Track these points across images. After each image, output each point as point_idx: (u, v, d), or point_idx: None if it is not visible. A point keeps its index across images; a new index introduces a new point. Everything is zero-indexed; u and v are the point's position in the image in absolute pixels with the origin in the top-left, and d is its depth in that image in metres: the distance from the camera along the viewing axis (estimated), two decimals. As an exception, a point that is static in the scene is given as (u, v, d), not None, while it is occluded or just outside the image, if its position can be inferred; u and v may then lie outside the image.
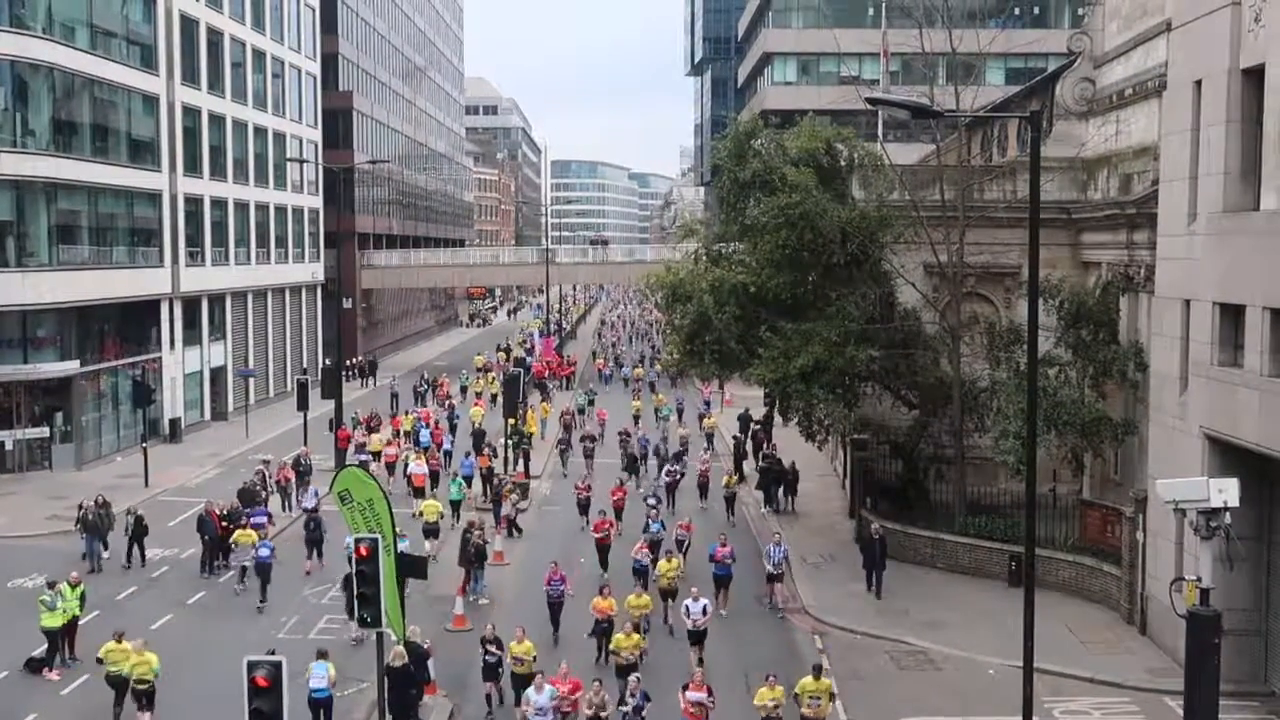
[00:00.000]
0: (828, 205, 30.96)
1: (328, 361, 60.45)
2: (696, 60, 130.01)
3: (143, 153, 49.96)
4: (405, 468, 39.60)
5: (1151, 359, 25.89)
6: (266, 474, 37.43)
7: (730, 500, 37.21)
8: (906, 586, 28.61)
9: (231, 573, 30.36)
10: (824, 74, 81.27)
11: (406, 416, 50.99)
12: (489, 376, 67.35)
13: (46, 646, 23.81)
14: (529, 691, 19.53)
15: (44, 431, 43.88)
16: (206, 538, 30.63)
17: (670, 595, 26.28)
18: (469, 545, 28.55)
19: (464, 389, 64.86)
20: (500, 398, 51.57)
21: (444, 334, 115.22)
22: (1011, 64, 71.42)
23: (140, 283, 49.14)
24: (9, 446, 42.97)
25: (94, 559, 30.65)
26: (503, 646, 21.40)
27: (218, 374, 57.35)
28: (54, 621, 23.62)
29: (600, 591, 24.41)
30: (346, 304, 72.06)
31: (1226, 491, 14.70)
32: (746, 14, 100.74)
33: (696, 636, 23.81)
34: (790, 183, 31.19)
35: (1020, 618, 16.59)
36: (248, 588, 28.81)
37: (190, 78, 53.47)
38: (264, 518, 31.93)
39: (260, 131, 62.93)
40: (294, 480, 37.79)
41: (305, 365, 66.80)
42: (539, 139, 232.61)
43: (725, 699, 21.64)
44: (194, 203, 54.32)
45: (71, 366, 44.22)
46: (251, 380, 59.16)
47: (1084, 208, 32.14)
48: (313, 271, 72.03)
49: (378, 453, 42.97)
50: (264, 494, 35.22)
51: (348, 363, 69.28)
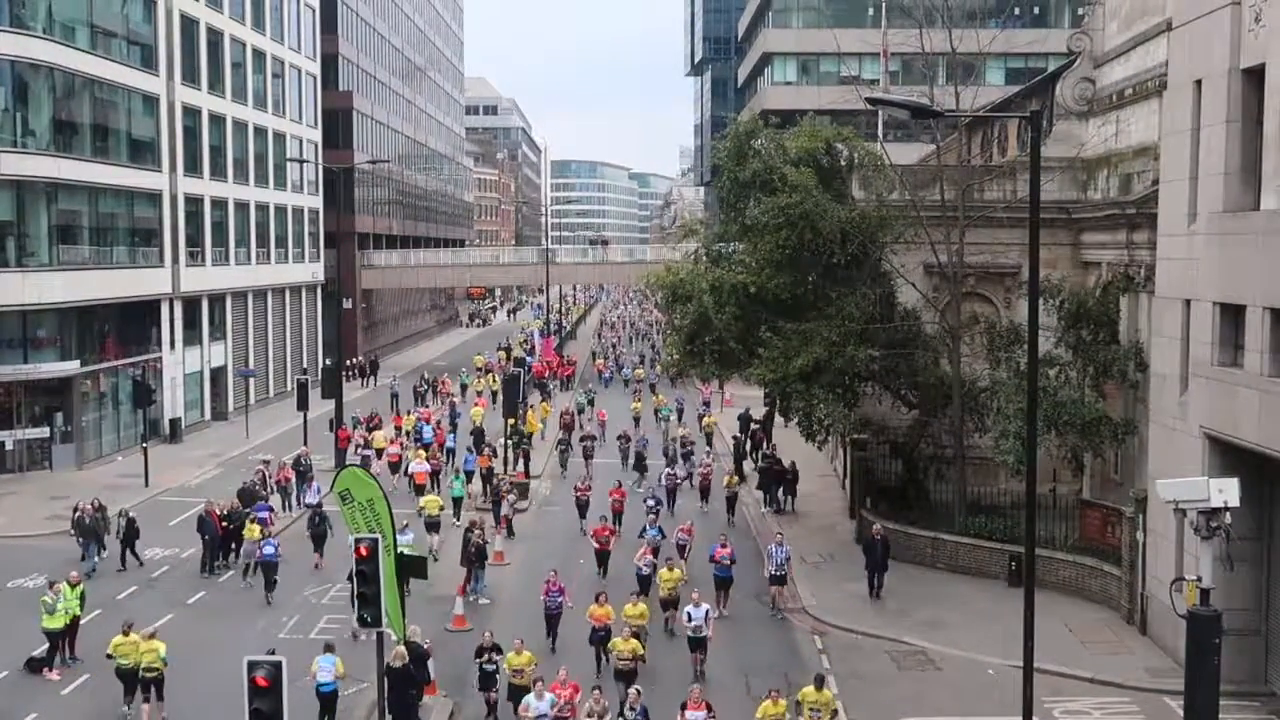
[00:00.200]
0: (828, 205, 30.96)
1: (328, 361, 60.42)
2: (696, 60, 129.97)
3: (143, 153, 49.97)
4: (407, 465, 40.17)
5: (1151, 359, 25.88)
6: (266, 474, 37.50)
7: (731, 501, 37.08)
8: (906, 586, 28.60)
9: (232, 572, 30.84)
10: (824, 74, 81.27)
11: (408, 416, 51.39)
12: (489, 376, 67.43)
13: (47, 647, 23.82)
14: (529, 698, 19.26)
15: (44, 431, 43.90)
16: (206, 538, 30.71)
17: (672, 605, 25.62)
18: (470, 545, 28.63)
19: (464, 388, 64.96)
20: (500, 397, 51.71)
21: (444, 334, 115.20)
22: (1011, 64, 71.40)
23: (140, 283, 49.14)
24: (9, 446, 42.97)
25: (90, 562, 30.26)
26: (501, 653, 21.11)
27: (218, 374, 57.35)
28: (55, 623, 23.63)
29: (597, 599, 23.88)
30: (346, 304, 72.08)
31: (1226, 491, 14.71)
32: (746, 14, 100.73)
33: (697, 643, 23.38)
34: (790, 183, 31.20)
35: (1020, 618, 16.58)
36: (252, 585, 29.09)
37: (190, 78, 53.48)
38: (266, 512, 32.24)
39: (260, 131, 62.93)
40: (294, 480, 37.90)
41: (305, 365, 66.79)
42: (539, 139, 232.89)
43: (725, 701, 21.66)
44: (194, 203, 54.33)
45: (71, 366, 44.22)
46: (251, 380, 59.17)
47: (1084, 208, 32.15)
48: (313, 271, 72.04)
49: (381, 450, 43.22)
50: (264, 494, 35.35)
51: (348, 363, 69.26)
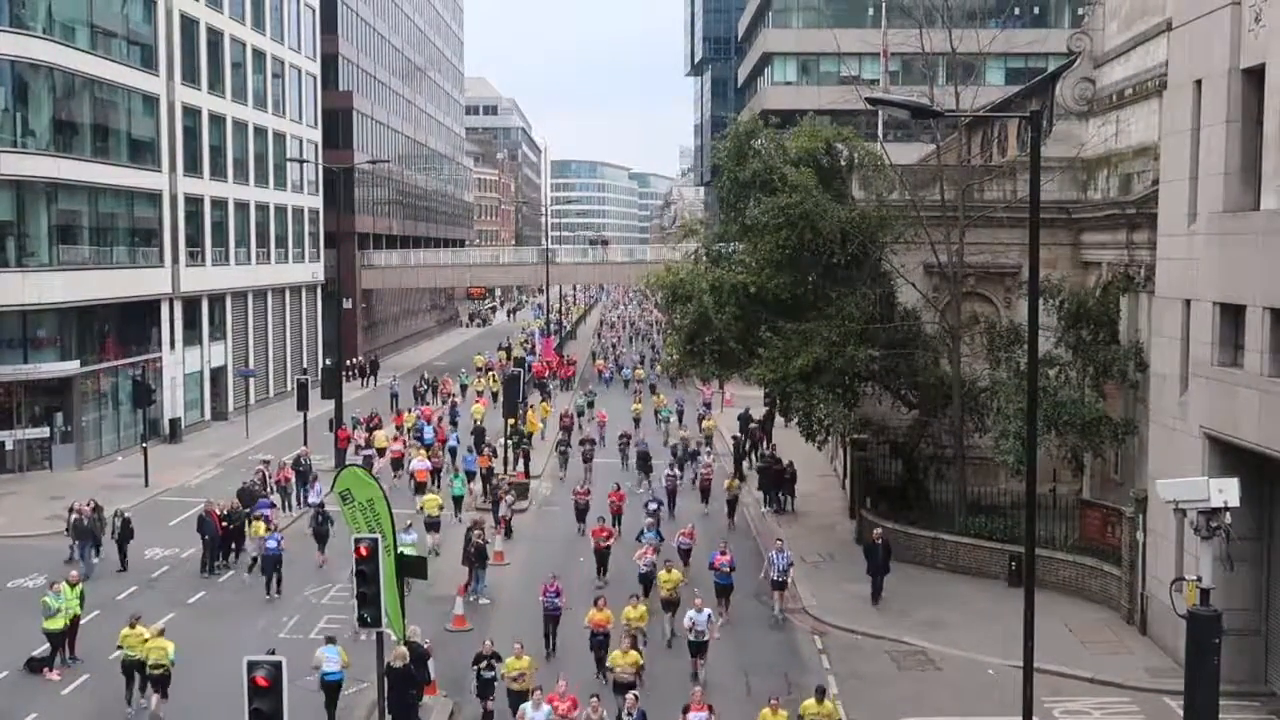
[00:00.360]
0: (828, 205, 30.94)
1: (328, 361, 60.41)
2: (696, 60, 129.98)
3: (143, 153, 49.97)
4: (409, 463, 40.42)
5: (1151, 359, 25.88)
6: (266, 474, 37.51)
7: (732, 504, 36.76)
8: (906, 587, 28.57)
9: (232, 572, 30.96)
10: (824, 74, 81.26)
11: (409, 414, 51.77)
12: (490, 375, 67.50)
13: (47, 647, 23.81)
14: (526, 707, 19.02)
15: (44, 431, 43.89)
16: (206, 538, 30.71)
17: (672, 606, 25.26)
18: (470, 545, 28.66)
19: (464, 387, 65.00)
20: (501, 396, 51.81)
21: (444, 334, 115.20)
22: (1011, 64, 71.39)
23: (140, 283, 49.13)
24: (9, 446, 42.96)
25: (87, 564, 29.98)
26: (500, 661, 20.76)
27: (218, 374, 57.34)
28: (55, 625, 23.62)
29: (595, 604, 23.42)
30: (346, 304, 72.07)
31: (1226, 491, 14.72)
32: (746, 14, 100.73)
33: (698, 647, 23.03)
34: (790, 183, 31.18)
35: (1020, 618, 16.58)
36: (252, 582, 29.33)
37: (190, 78, 53.48)
38: (268, 509, 32.54)
39: (260, 131, 62.92)
40: (294, 480, 37.94)
41: (305, 365, 66.79)
42: (539, 139, 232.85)
43: (725, 701, 21.64)
44: (194, 203, 54.32)
45: (71, 366, 44.22)
46: (251, 380, 59.16)
47: (1084, 208, 32.14)
48: (313, 271, 72.03)
49: (383, 449, 43.40)
50: (264, 494, 35.28)
51: (348, 363, 69.28)
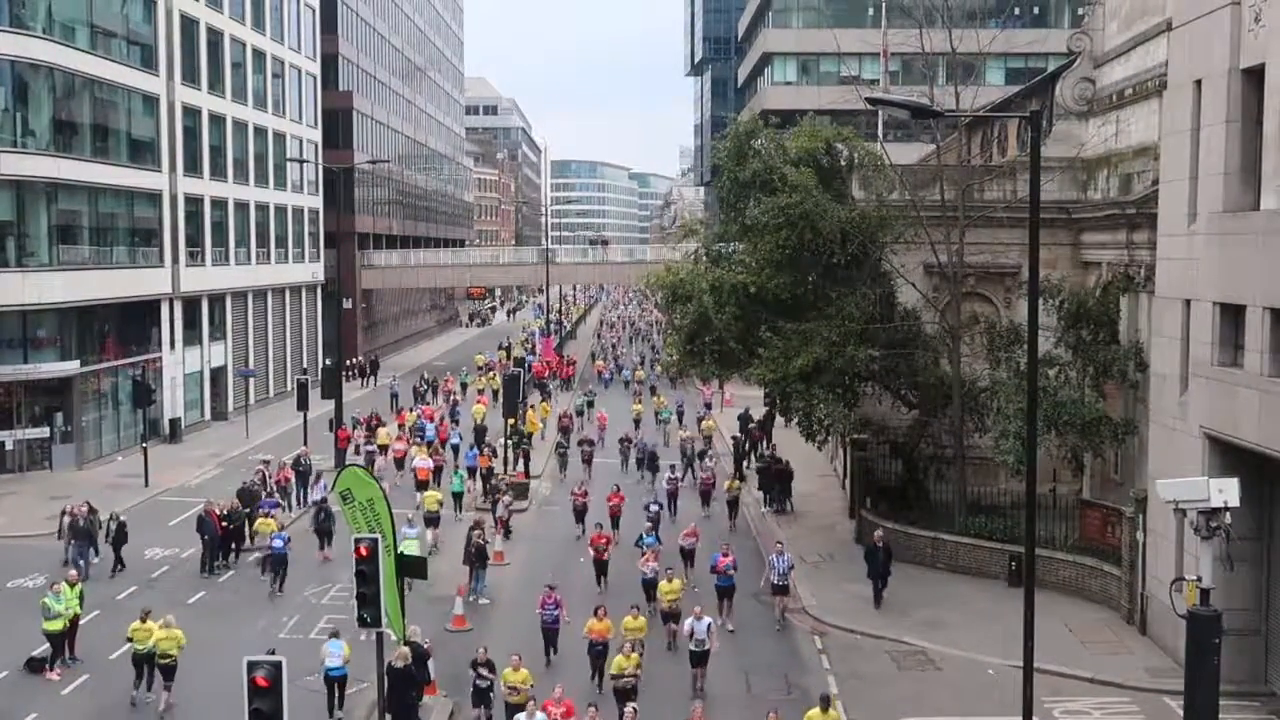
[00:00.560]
0: (828, 205, 30.93)
1: (328, 361, 60.38)
2: (696, 60, 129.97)
3: (143, 153, 49.96)
4: (412, 460, 40.65)
5: (1151, 359, 25.88)
6: (266, 474, 37.48)
7: (733, 505, 36.44)
8: (906, 587, 28.54)
9: (232, 572, 31.10)
10: (824, 74, 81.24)
11: (410, 412, 52.05)
12: (490, 375, 67.51)
13: (48, 647, 23.79)
14: (520, 717, 18.68)
15: (44, 431, 43.88)
16: (206, 538, 30.73)
17: (673, 618, 24.58)
18: (470, 545, 28.67)
19: (464, 386, 65.04)
20: (501, 395, 51.89)
21: (444, 334, 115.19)
22: (1011, 64, 71.38)
23: (140, 283, 49.13)
24: (9, 446, 42.96)
25: (86, 566, 29.73)
26: (495, 670, 20.35)
27: (218, 374, 57.34)
28: (56, 626, 23.60)
29: (595, 613, 22.82)
30: (346, 304, 72.07)
31: (1226, 491, 14.72)
32: (746, 14, 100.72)
33: (699, 658, 22.38)
34: (790, 183, 31.17)
35: (1020, 618, 16.58)
36: (263, 578, 29.69)
37: (190, 78, 53.47)
38: (274, 507, 33.03)
39: (260, 131, 62.91)
40: (294, 480, 37.97)
41: (305, 365, 66.79)
42: (539, 139, 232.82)
43: (725, 701, 21.64)
44: (194, 203, 54.32)
45: (71, 366, 44.21)
46: (251, 380, 59.14)
47: (1084, 208, 32.14)
48: (313, 271, 72.02)
49: (385, 446, 43.59)
50: (264, 494, 35.26)
51: (348, 363, 69.29)
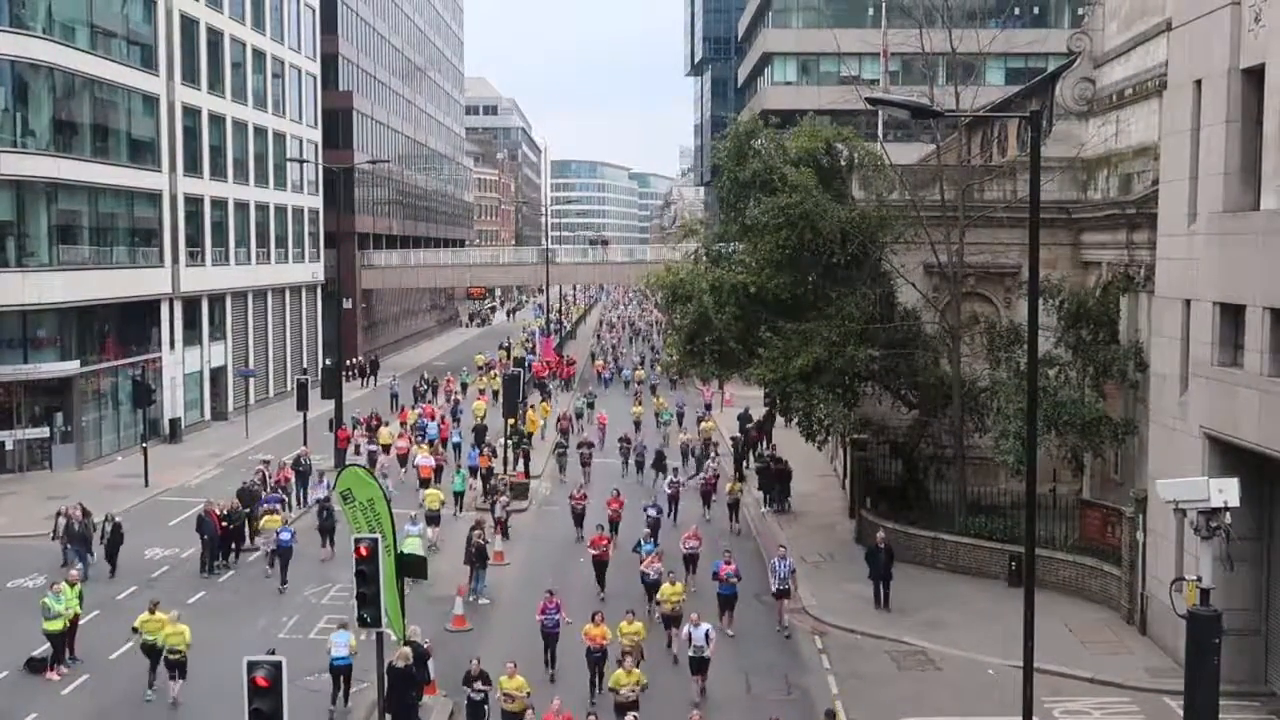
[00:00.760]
0: (828, 205, 30.93)
1: (328, 361, 60.37)
2: (696, 60, 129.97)
3: (143, 153, 49.96)
4: (414, 458, 40.85)
5: (1151, 359, 25.88)
6: (266, 474, 37.47)
7: (734, 507, 36.16)
8: (906, 586, 28.50)
9: (232, 572, 31.20)
10: (824, 74, 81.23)
11: (412, 410, 52.31)
12: (491, 374, 67.54)
13: (48, 647, 23.79)
14: None
15: (44, 431, 43.88)
16: (206, 538, 30.74)
17: (674, 622, 24.21)
18: (471, 545, 28.69)
19: (464, 385, 65.08)
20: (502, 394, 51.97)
21: (444, 334, 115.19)
22: (1011, 64, 71.37)
23: (140, 283, 49.13)
24: (9, 446, 42.95)
25: (85, 568, 29.48)
26: (489, 682, 19.97)
27: (218, 374, 57.34)
28: (56, 626, 23.60)
29: (593, 618, 22.36)
30: (346, 304, 72.07)
31: (1226, 491, 14.71)
32: (746, 14, 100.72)
33: (698, 664, 22.04)
34: (790, 183, 31.17)
35: (1020, 618, 16.58)
36: (273, 570, 30.05)
37: (190, 78, 53.47)
38: (278, 503, 33.35)
39: (260, 131, 62.92)
40: (294, 480, 37.98)
41: (305, 365, 66.79)
42: (539, 139, 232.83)
43: (725, 701, 21.62)
44: (194, 203, 54.32)
45: (71, 366, 44.21)
46: (251, 380, 59.15)
47: (1084, 208, 32.14)
48: (313, 271, 72.02)
49: (388, 445, 43.80)
50: (265, 494, 35.26)
51: (348, 363, 69.29)
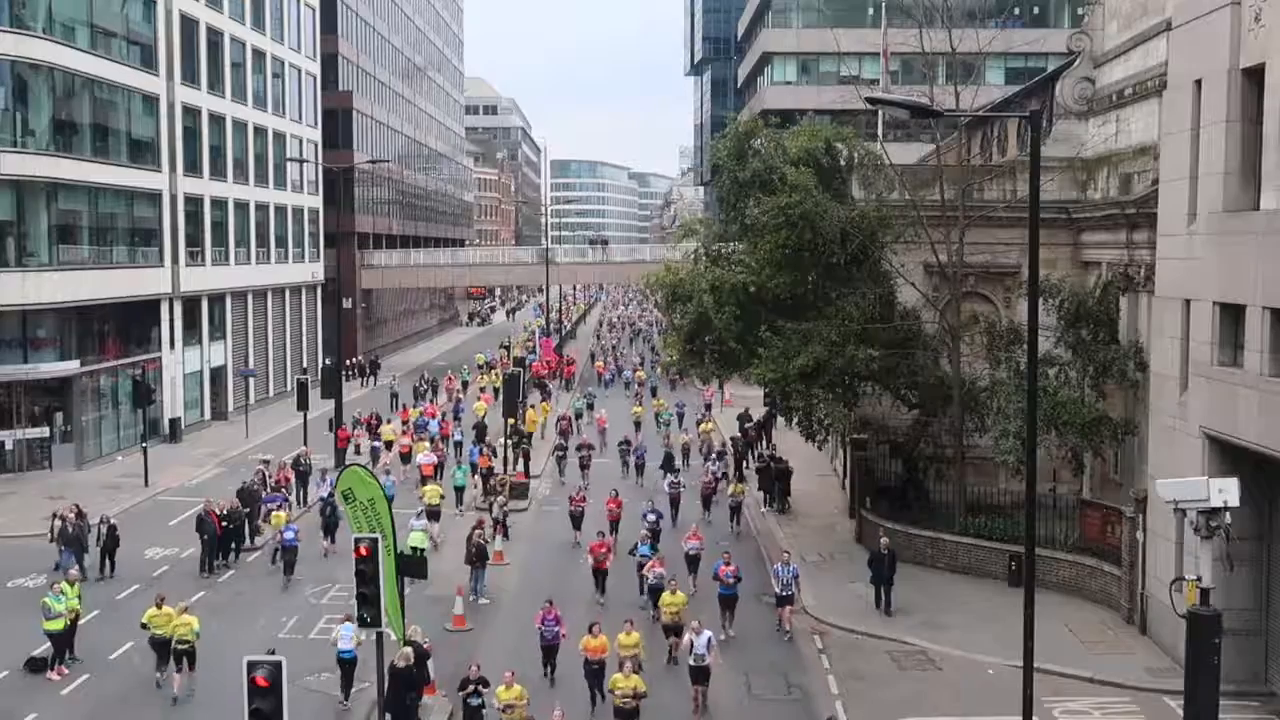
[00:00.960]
0: (828, 205, 30.94)
1: (328, 361, 60.44)
2: (696, 60, 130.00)
3: (143, 153, 49.96)
4: (416, 456, 41.16)
5: (1151, 359, 25.88)
6: (266, 474, 37.50)
7: (735, 509, 35.86)
8: (906, 587, 28.48)
9: (232, 572, 31.26)
10: (824, 74, 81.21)
11: (413, 409, 52.66)
12: (493, 373, 67.61)
13: (48, 647, 23.80)
14: None
15: (44, 431, 43.87)
16: (206, 537, 30.75)
17: (674, 631, 23.58)
18: (471, 544, 28.71)
19: (465, 384, 65.10)
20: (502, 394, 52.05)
21: (444, 334, 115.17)
22: (1011, 64, 71.37)
23: (140, 283, 49.13)
24: (9, 446, 42.95)
25: (83, 570, 29.32)
26: (488, 686, 19.84)
27: (218, 374, 57.35)
28: (57, 626, 23.61)
29: (590, 629, 21.84)
30: (346, 304, 72.07)
31: (1226, 491, 14.71)
32: (746, 14, 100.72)
33: (699, 674, 21.41)
34: (790, 183, 31.18)
35: (1020, 618, 16.59)
36: (277, 566, 30.56)
37: (190, 78, 53.47)
38: (278, 502, 33.69)
39: (260, 131, 62.92)
40: (294, 480, 38.01)
41: (305, 365, 66.79)
42: (539, 139, 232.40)
43: (725, 701, 21.60)
44: (194, 203, 54.33)
45: (71, 366, 44.21)
46: (251, 380, 59.17)
47: (1084, 208, 32.13)
48: (313, 271, 72.02)
49: (390, 442, 44.11)
50: (264, 495, 35.27)
51: (348, 363, 69.32)
